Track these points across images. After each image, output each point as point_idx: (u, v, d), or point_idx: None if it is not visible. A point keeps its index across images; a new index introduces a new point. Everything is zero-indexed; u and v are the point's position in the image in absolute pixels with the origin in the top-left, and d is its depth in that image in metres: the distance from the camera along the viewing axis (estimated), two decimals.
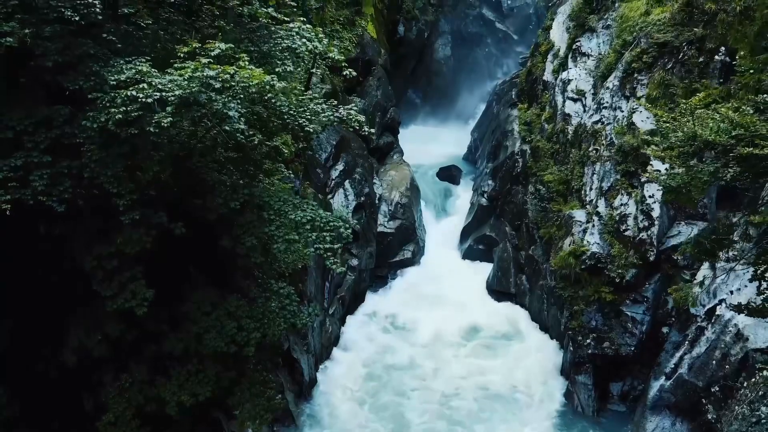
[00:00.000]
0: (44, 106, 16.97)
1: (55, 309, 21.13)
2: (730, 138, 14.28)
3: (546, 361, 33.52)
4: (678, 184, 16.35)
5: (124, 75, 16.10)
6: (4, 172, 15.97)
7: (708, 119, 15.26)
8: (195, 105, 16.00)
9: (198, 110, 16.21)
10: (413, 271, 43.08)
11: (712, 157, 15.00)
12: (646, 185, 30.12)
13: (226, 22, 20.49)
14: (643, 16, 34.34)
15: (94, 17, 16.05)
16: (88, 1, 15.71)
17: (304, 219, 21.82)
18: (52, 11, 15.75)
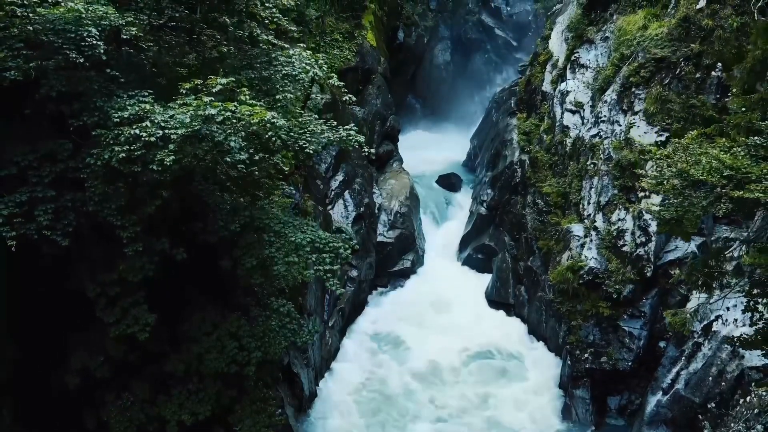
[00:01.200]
0: (49, 140, 17.22)
1: (58, 329, 21.40)
2: (721, 178, 14.53)
3: (544, 375, 33.66)
4: (672, 216, 16.61)
5: (127, 112, 16.34)
6: (10, 208, 16.24)
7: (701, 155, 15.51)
8: (197, 141, 16.24)
9: (200, 147, 16.45)
10: (413, 281, 43.25)
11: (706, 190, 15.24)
12: (644, 200, 30.34)
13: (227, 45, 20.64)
14: (640, 31, 34.47)
15: (98, 57, 16.27)
16: (92, 43, 15.92)
17: (303, 241, 22.07)
18: (57, 53, 15.99)
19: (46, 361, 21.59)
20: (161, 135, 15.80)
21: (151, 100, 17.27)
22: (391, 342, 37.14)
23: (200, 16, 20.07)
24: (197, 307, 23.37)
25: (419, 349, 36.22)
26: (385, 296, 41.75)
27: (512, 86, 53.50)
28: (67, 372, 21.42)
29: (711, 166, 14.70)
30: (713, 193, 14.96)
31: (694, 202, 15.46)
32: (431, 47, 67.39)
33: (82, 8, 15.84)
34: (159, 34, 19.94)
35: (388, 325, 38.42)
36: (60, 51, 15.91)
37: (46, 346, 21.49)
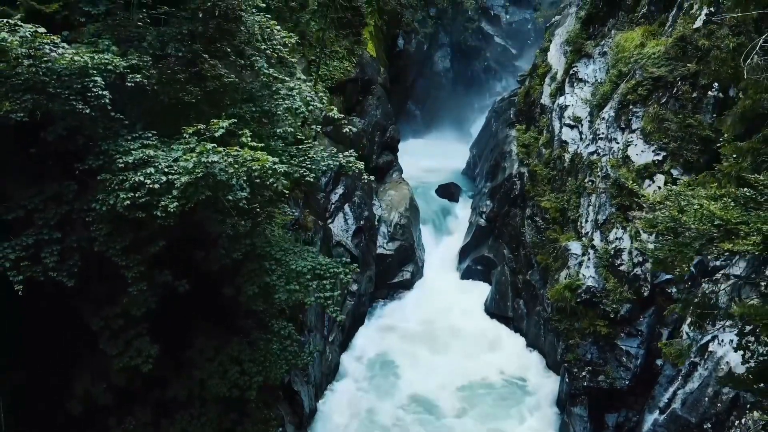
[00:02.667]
0: (54, 182, 17.51)
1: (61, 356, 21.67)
2: (712, 226, 14.84)
3: (542, 392, 33.99)
4: (665, 256, 16.91)
5: (131, 157, 16.64)
6: (17, 252, 16.55)
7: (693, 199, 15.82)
8: (200, 186, 16.55)
9: (203, 191, 16.75)
10: (412, 293, 43.52)
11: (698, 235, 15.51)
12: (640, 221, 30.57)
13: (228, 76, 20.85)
14: (638, 48, 34.67)
15: (104, 105, 16.57)
16: (98, 93, 16.20)
17: (304, 269, 22.34)
18: (65, 103, 16.28)
19: (49, 388, 21.85)
20: (165, 181, 16.11)
21: (155, 141, 17.59)
22: (388, 363, 36.92)
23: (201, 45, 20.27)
24: (199, 332, 23.68)
25: (417, 370, 36.20)
26: (384, 309, 42.02)
27: (511, 96, 53.73)
28: (71, 398, 21.68)
29: (702, 214, 15.01)
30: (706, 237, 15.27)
31: (687, 243, 15.76)
32: (431, 54, 67.75)
33: (88, 58, 16.11)
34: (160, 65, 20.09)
35: (386, 342, 38.44)
36: (67, 102, 16.21)
37: (49, 373, 21.75)
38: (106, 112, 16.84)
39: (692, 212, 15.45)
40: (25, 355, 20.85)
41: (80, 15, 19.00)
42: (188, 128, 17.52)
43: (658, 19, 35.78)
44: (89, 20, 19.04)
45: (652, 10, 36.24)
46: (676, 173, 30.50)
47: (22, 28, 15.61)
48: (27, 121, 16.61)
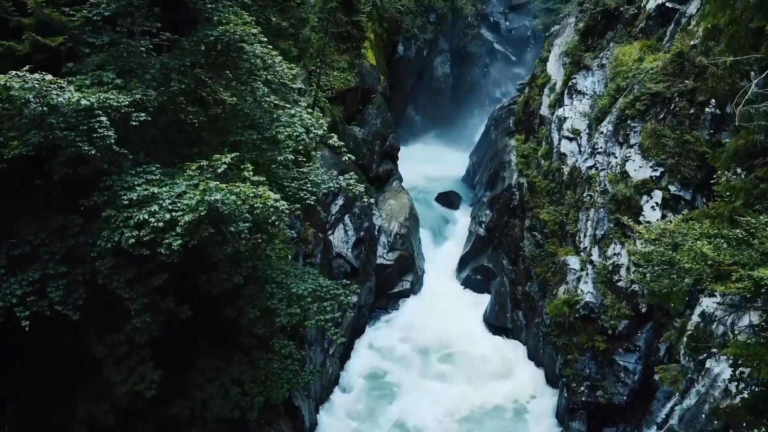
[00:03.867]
0: (59, 215, 17.76)
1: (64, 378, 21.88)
2: (705, 266, 15.10)
3: (541, 405, 34.25)
4: (660, 289, 17.18)
5: (135, 194, 16.89)
6: (24, 287, 16.83)
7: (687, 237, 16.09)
8: (203, 225, 16.83)
9: (206, 229, 17.02)
10: (412, 303, 43.67)
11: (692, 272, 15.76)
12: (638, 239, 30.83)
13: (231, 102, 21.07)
14: (636, 63, 34.94)
15: (109, 144, 16.82)
16: (103, 134, 16.44)
17: (305, 291, 22.54)
18: (71, 145, 16.53)
19: (53, 410, 22.07)
20: (169, 219, 16.37)
21: (159, 174, 17.84)
22: (386, 384, 36.71)
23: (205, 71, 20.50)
24: (201, 353, 23.92)
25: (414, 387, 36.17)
26: (384, 320, 42.17)
27: (510, 104, 53.99)
28: (74, 421, 21.91)
29: (695, 253, 15.27)
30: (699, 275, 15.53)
31: (682, 276, 16.02)
32: (431, 60, 68.01)
33: (94, 99, 16.34)
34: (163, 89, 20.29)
35: (385, 356, 38.50)
36: (73, 143, 16.46)
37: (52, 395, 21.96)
38: (111, 148, 17.06)
39: (686, 251, 15.70)
40: (28, 378, 21.05)
41: (84, 46, 19.21)
42: (192, 164, 17.77)
43: (656, 34, 36.05)
44: (93, 51, 19.25)
45: (650, 24, 36.48)
46: (673, 189, 30.78)
47: (31, 78, 15.78)
48: (32, 154, 16.86)
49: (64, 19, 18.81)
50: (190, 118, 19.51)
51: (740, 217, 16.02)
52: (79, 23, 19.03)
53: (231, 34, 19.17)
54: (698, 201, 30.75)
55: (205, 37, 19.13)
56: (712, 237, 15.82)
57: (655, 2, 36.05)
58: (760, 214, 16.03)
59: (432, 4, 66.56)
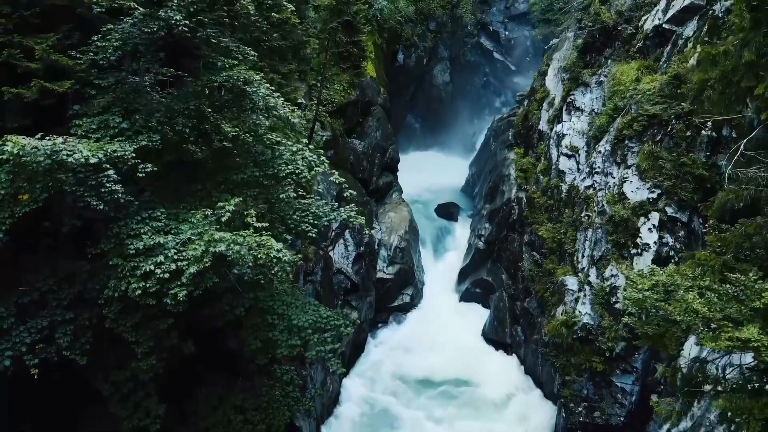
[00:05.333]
0: (67, 260, 18.13)
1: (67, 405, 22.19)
2: (696, 318, 15.49)
3: (540, 423, 34.54)
4: (654, 332, 17.59)
5: (141, 243, 17.26)
6: (33, 335, 17.23)
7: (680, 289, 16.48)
8: (208, 276, 17.22)
9: (211, 279, 17.41)
10: (412, 317, 44.05)
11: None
12: (636, 258, 31.23)
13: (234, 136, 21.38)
14: (633, 83, 35.21)
15: (117, 198, 17.20)
16: (111, 188, 16.81)
17: (306, 323, 22.88)
18: (79, 200, 16.89)
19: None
20: (174, 269, 16.74)
21: (164, 219, 18.21)
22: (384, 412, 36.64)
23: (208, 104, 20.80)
24: (203, 382, 24.31)
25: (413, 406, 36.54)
26: (384, 335, 42.51)
27: (510, 116, 54.27)
28: None
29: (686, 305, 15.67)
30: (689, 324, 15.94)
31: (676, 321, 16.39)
32: (431, 68, 68.30)
33: (102, 155, 16.69)
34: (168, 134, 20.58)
35: (383, 384, 38.43)
36: (82, 198, 16.82)
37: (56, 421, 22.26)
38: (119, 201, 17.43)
39: (677, 302, 16.09)
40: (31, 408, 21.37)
41: (90, 87, 19.58)
42: (196, 212, 18.13)
43: (653, 54, 36.32)
44: (99, 92, 19.61)
45: (648, 45, 36.76)
46: (670, 211, 31.14)
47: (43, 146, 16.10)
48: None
49: (71, 63, 19.15)
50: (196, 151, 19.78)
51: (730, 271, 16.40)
52: (85, 66, 19.39)
53: (235, 80, 19.50)
54: (695, 223, 31.12)
55: (209, 81, 19.47)
56: (704, 289, 16.20)
57: (652, 23, 36.33)
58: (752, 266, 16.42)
59: (432, 12, 66.82)
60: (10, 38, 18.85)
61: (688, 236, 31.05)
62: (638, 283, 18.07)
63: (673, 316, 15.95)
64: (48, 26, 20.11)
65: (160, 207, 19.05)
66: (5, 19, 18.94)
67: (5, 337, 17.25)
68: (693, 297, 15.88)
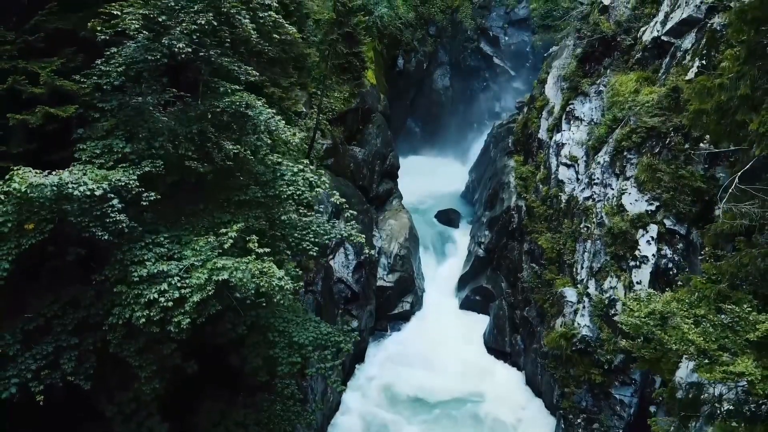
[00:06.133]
0: (71, 285, 18.34)
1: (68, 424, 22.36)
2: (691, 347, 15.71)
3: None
4: (651, 357, 17.82)
5: (145, 270, 17.47)
6: (38, 361, 17.45)
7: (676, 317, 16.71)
8: (211, 304, 17.47)
9: (215, 307, 17.65)
10: (412, 325, 44.22)
11: None
12: (634, 270, 31.43)
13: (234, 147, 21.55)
14: (632, 95, 35.39)
15: (122, 229, 17.42)
16: (116, 218, 17.03)
17: (306, 340, 23.07)
18: (84, 231, 17.11)
19: None
20: (178, 296, 16.97)
21: (167, 243, 18.42)
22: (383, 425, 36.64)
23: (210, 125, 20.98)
24: (205, 396, 24.50)
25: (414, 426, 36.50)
26: (384, 344, 42.62)
27: (510, 122, 54.39)
28: None
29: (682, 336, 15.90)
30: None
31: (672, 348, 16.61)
32: (431, 72, 68.53)
33: (106, 185, 16.90)
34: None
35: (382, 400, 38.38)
36: (87, 229, 17.04)
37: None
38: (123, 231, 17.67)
39: (673, 330, 16.32)
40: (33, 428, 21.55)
41: (94, 110, 19.77)
42: (199, 239, 18.35)
43: (652, 66, 36.49)
44: (103, 115, 19.80)
45: (647, 56, 36.95)
46: (669, 224, 31.32)
47: (50, 183, 16.30)
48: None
49: (75, 88, 19.36)
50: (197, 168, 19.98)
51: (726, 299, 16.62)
52: (89, 89, 19.60)
53: (237, 106, 19.73)
54: (693, 235, 31.29)
55: (212, 107, 19.68)
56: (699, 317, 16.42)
57: (651, 35, 36.50)
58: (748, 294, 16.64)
59: (432, 16, 67.07)
60: (15, 64, 19.06)
61: (687, 248, 31.22)
62: (635, 310, 18.29)
63: (669, 344, 16.17)
64: (52, 49, 20.33)
65: (163, 230, 19.24)
66: (10, 45, 19.13)
67: (11, 364, 17.44)
68: (688, 327, 16.11)
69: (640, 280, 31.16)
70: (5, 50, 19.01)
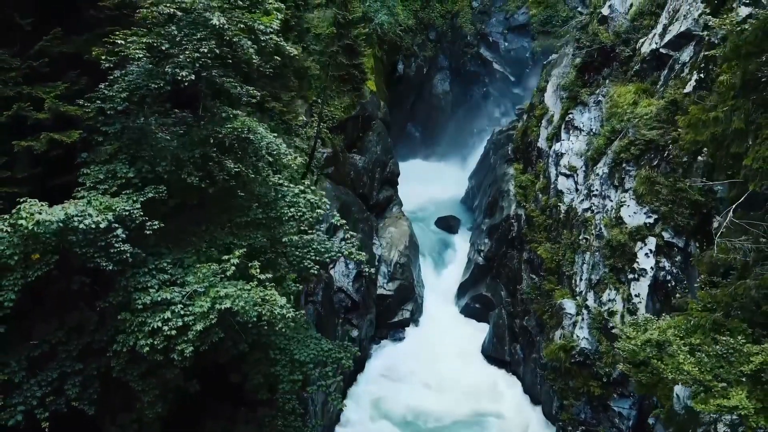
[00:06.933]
0: (75, 310, 18.57)
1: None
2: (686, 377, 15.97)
3: None
4: (647, 382, 18.08)
5: (149, 298, 17.71)
6: (43, 388, 17.69)
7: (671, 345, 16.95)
8: (214, 332, 17.72)
9: (218, 335, 17.90)
10: (412, 333, 44.47)
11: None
12: (633, 283, 31.64)
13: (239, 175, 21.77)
14: (631, 107, 35.54)
15: (126, 259, 17.66)
16: (121, 248, 17.27)
17: (307, 358, 23.33)
18: (88, 261, 17.34)
19: None
20: (182, 324, 17.20)
21: (170, 270, 18.65)
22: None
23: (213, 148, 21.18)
24: (207, 413, 24.72)
25: None
26: (384, 353, 42.78)
27: (509, 129, 54.49)
28: None
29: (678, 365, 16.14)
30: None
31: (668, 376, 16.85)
32: (431, 77, 68.73)
33: (111, 216, 17.13)
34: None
35: (382, 407, 38.58)
36: (92, 260, 17.28)
37: None
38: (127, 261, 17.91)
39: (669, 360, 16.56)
40: None
41: (97, 134, 20.00)
42: (202, 267, 18.57)
43: (650, 78, 36.65)
44: (106, 139, 20.03)
45: (645, 68, 37.09)
46: (667, 236, 31.48)
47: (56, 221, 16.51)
48: None
49: (79, 113, 19.58)
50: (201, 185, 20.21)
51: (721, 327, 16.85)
52: (92, 114, 19.82)
53: (239, 132, 19.96)
54: (691, 247, 31.46)
55: (214, 132, 19.90)
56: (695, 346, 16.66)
57: (650, 47, 36.66)
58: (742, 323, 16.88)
59: (432, 21, 67.29)
60: (20, 90, 19.27)
61: (685, 261, 31.39)
62: (632, 338, 18.53)
63: (665, 373, 16.41)
64: (56, 73, 20.54)
65: (165, 252, 19.49)
66: (15, 71, 19.34)
67: (16, 391, 17.70)
68: (684, 357, 16.35)
69: (638, 292, 31.37)
70: (10, 77, 19.20)
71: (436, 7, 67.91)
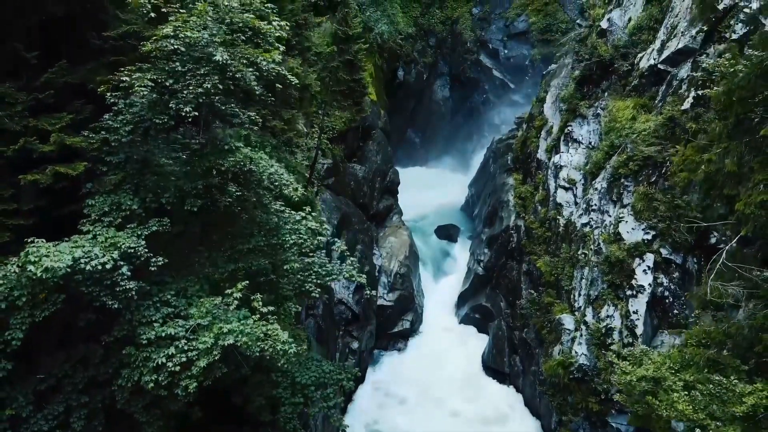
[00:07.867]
0: (80, 342, 18.85)
1: None
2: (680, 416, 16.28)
3: None
4: (643, 414, 18.36)
5: (153, 333, 17.99)
6: (50, 422, 17.97)
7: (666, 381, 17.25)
8: (217, 368, 18.02)
9: (221, 370, 18.19)
10: (412, 344, 44.86)
11: None
12: (631, 299, 31.90)
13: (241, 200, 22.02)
14: (629, 121, 35.77)
15: (132, 297, 17.96)
16: (126, 287, 17.56)
17: (309, 380, 23.62)
18: (94, 300, 17.63)
19: None
20: (186, 360, 17.49)
21: (174, 302, 18.93)
22: None
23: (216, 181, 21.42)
24: None
25: None
26: (384, 364, 43.09)
27: (509, 138, 54.80)
28: None
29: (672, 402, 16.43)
30: None
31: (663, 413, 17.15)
32: (431, 83, 69.12)
33: (117, 254, 17.42)
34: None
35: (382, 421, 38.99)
36: (98, 299, 17.57)
37: None
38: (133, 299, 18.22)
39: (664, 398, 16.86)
40: None
41: (102, 164, 20.26)
42: (205, 301, 18.84)
43: (648, 93, 36.86)
44: (110, 169, 20.29)
45: (644, 83, 37.29)
46: (665, 253, 31.71)
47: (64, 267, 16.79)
48: None
49: (83, 144, 19.84)
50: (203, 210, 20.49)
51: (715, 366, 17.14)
52: (97, 144, 20.08)
53: (241, 165, 20.24)
54: (689, 263, 31.72)
55: (217, 164, 20.16)
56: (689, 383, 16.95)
57: (648, 62, 36.87)
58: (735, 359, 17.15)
59: (432, 27, 67.61)
60: (26, 123, 19.51)
61: (683, 277, 31.63)
62: (628, 372, 18.81)
63: (660, 410, 16.70)
64: (61, 102, 20.78)
65: (169, 281, 19.76)
66: (21, 105, 19.58)
67: (24, 426, 18.00)
68: (678, 396, 16.64)
69: (636, 309, 31.59)
70: (16, 112, 19.43)
71: (436, 14, 68.30)
